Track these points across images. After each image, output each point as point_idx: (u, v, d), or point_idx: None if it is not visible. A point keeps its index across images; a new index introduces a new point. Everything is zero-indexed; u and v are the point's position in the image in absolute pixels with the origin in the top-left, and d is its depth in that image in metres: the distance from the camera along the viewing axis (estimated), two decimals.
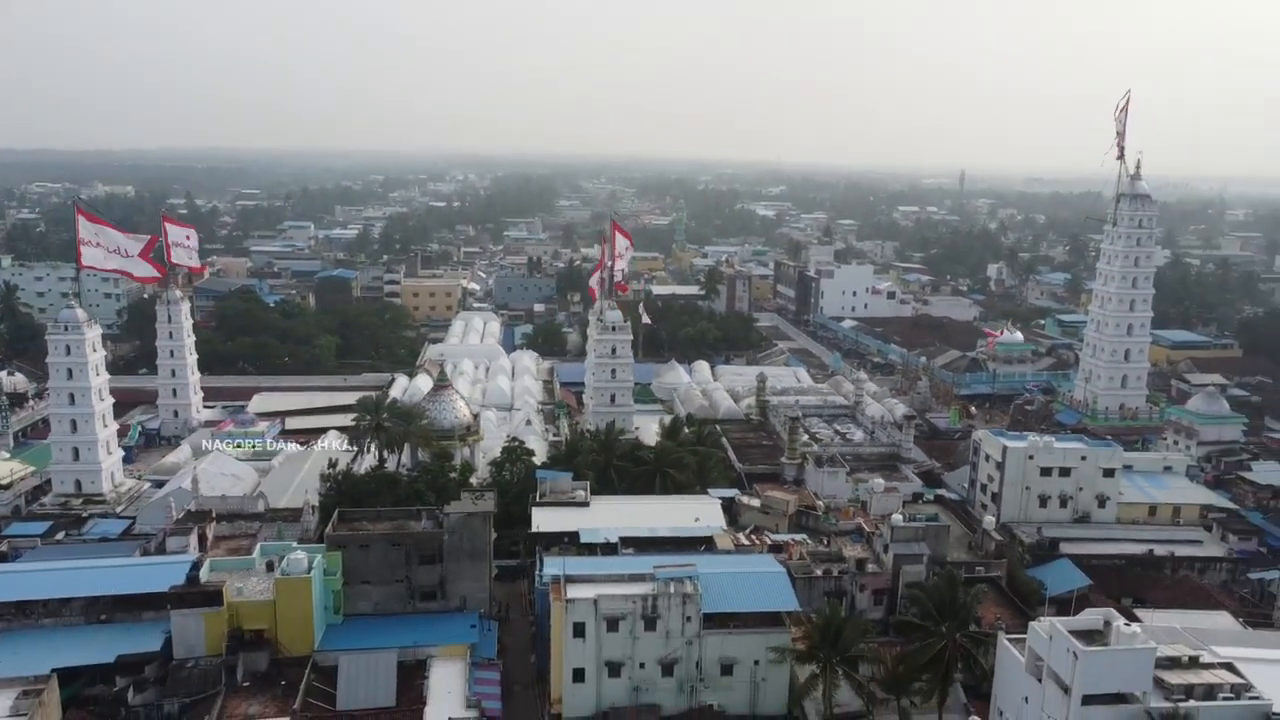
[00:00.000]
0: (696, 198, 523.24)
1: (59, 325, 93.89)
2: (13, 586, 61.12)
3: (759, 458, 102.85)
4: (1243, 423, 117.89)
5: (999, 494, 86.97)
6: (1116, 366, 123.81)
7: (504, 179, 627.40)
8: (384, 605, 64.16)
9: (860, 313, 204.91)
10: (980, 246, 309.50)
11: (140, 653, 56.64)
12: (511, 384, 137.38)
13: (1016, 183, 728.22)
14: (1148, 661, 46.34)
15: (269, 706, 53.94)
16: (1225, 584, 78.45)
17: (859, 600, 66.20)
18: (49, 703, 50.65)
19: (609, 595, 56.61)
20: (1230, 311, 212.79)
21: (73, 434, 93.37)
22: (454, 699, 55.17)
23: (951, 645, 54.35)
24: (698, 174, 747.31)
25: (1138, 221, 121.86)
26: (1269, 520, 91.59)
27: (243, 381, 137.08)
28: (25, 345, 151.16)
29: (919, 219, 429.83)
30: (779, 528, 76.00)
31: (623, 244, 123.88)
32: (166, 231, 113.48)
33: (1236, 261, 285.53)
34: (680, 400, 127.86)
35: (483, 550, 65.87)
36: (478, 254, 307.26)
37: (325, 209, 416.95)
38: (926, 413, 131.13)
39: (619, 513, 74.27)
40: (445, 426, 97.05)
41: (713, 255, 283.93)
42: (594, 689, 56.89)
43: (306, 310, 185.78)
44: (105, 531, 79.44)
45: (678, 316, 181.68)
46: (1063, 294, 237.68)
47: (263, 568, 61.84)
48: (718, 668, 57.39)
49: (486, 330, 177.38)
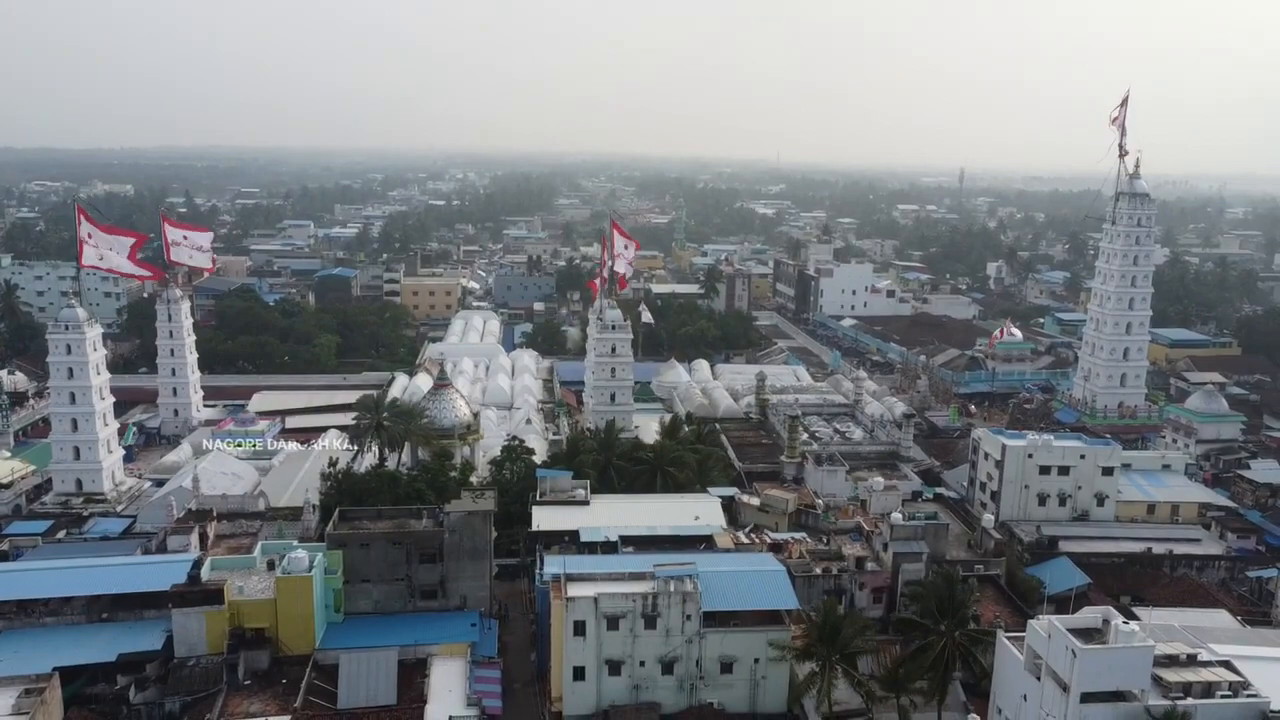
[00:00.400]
0: (696, 196, 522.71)
1: (59, 324, 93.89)
2: (14, 585, 61.34)
3: (758, 456, 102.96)
4: (1241, 421, 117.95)
5: (998, 492, 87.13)
6: (1115, 365, 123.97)
7: (503, 178, 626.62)
8: (384, 604, 64.33)
9: (860, 311, 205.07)
10: (979, 245, 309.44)
11: (141, 651, 56.91)
12: (511, 383, 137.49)
13: (1016, 181, 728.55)
14: (1146, 659, 46.55)
15: (270, 705, 54.15)
16: (1223, 582, 78.58)
17: (858, 598, 66.33)
18: (51, 701, 50.87)
19: (609, 594, 56.76)
20: (1229, 310, 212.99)
21: (73, 433, 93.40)
22: (454, 697, 55.31)
23: (951, 643, 54.48)
24: (697, 173, 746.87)
25: (1137, 220, 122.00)
26: (1267, 519, 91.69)
27: (243, 380, 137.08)
28: (25, 344, 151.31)
29: (918, 217, 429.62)
30: (778, 526, 76.09)
31: (625, 244, 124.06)
32: (166, 230, 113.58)
33: (1235, 260, 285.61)
34: (680, 399, 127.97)
35: (483, 549, 66.01)
36: (477, 253, 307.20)
37: (325, 208, 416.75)
38: (926, 411, 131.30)
39: (619, 511, 74.40)
40: (445, 425, 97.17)
41: (712, 254, 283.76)
42: (594, 687, 57.05)
43: (306, 309, 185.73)
44: (106, 530, 79.64)
45: (677, 315, 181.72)
46: (1062, 292, 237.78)
47: (263, 566, 62.02)
48: (718, 666, 57.54)
49: (486, 329, 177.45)
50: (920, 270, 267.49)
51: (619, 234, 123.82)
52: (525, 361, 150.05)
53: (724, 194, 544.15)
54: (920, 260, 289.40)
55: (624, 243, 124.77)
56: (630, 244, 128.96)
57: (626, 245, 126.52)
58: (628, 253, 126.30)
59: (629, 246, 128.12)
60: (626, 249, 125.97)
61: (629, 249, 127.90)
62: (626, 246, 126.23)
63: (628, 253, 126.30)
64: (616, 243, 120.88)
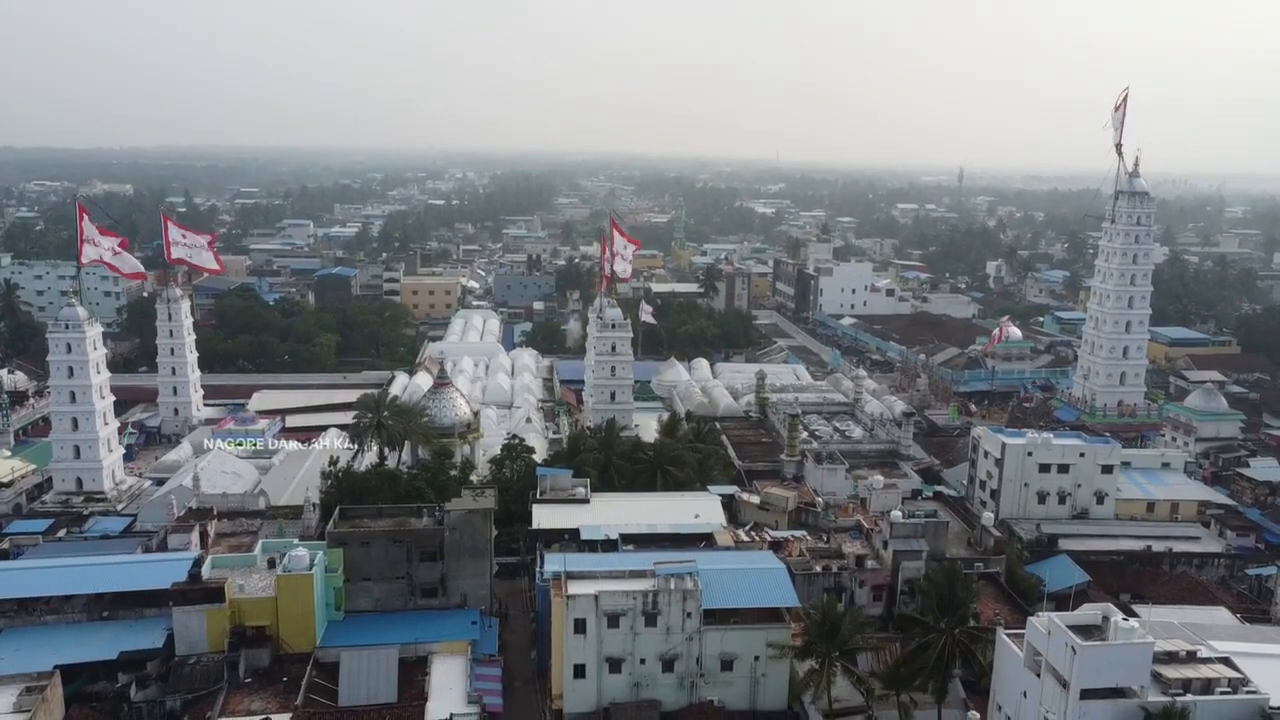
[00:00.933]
0: (695, 196, 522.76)
1: (59, 323, 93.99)
2: (15, 584, 61.34)
3: (758, 455, 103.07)
4: (1240, 419, 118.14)
5: (998, 490, 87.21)
6: (1115, 363, 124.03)
7: (503, 177, 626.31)
8: (385, 602, 64.39)
9: (859, 310, 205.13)
10: (979, 244, 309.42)
11: (142, 649, 56.91)
12: (511, 382, 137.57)
13: (1015, 180, 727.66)
14: (1146, 656, 46.62)
15: (271, 703, 54.17)
16: (1223, 580, 78.65)
17: (858, 596, 66.36)
18: (52, 699, 50.98)
19: (610, 591, 56.80)
20: (1228, 308, 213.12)
21: (74, 432, 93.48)
22: (455, 695, 55.34)
23: (951, 641, 54.56)
24: (696, 172, 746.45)
25: (1136, 219, 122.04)
26: (1266, 516, 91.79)
27: (243, 379, 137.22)
28: (25, 343, 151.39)
29: (918, 216, 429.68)
30: (779, 524, 76.12)
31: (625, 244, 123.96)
32: (167, 230, 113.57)
33: (1235, 259, 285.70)
34: (680, 398, 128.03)
35: (483, 547, 66.05)
36: (477, 252, 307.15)
37: (324, 207, 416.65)
38: (925, 410, 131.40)
39: (619, 510, 74.45)
40: (445, 424, 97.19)
41: (712, 253, 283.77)
42: (595, 685, 57.11)
43: (306, 308, 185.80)
44: (106, 529, 79.76)
45: (677, 314, 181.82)
46: (1061, 291, 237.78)
47: (264, 565, 62.06)
48: (718, 663, 57.60)
49: (486, 328, 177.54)
50: (920, 269, 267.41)
51: (619, 233, 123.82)
52: (525, 360, 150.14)
53: (723, 193, 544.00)
54: (920, 259, 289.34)
55: (624, 243, 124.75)
56: (630, 245, 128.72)
57: (626, 245, 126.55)
58: (626, 252, 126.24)
59: (628, 247, 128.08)
60: (626, 249, 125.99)
61: (629, 249, 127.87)
62: (625, 246, 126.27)
63: (626, 252, 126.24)
64: (616, 242, 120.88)
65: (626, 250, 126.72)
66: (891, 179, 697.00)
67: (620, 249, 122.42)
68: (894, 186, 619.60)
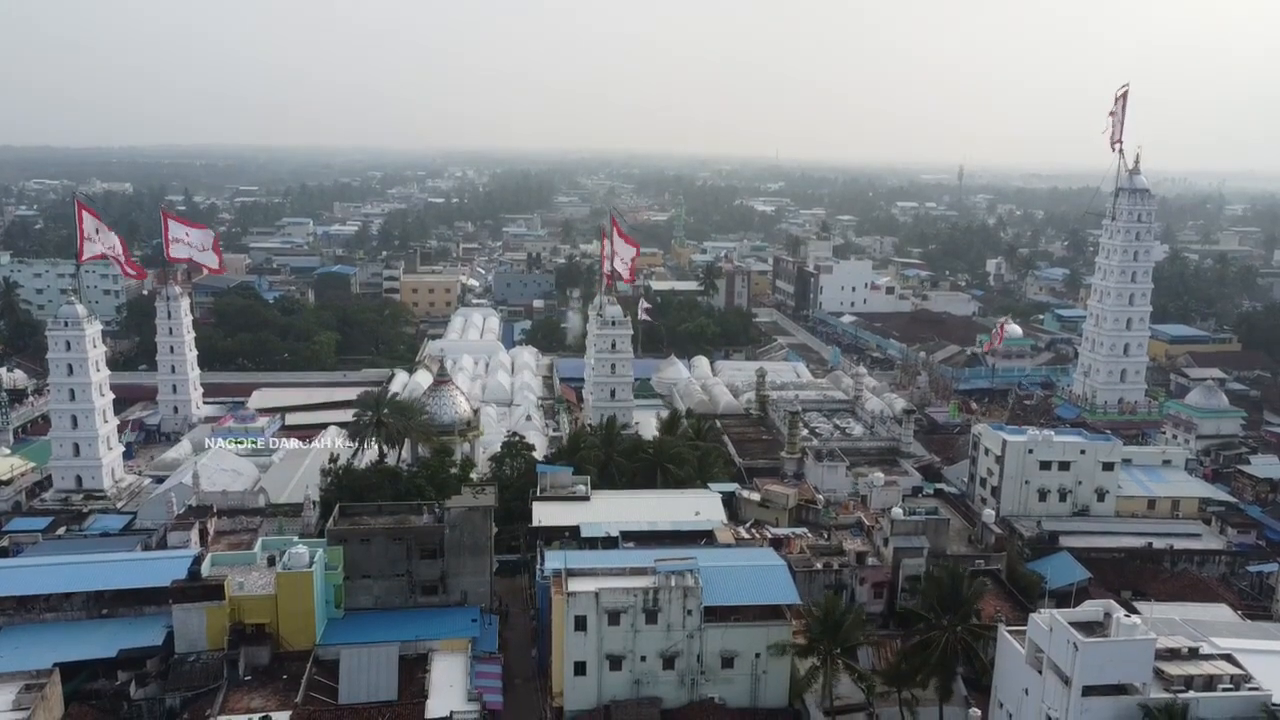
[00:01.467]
0: (695, 194, 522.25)
1: (59, 321, 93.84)
2: (15, 581, 61.16)
3: (759, 452, 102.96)
4: (1241, 417, 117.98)
5: (998, 488, 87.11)
6: (1115, 361, 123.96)
7: (503, 175, 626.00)
8: (385, 600, 64.27)
9: (859, 308, 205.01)
10: (979, 242, 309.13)
11: (142, 647, 56.81)
12: (511, 379, 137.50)
13: (1015, 178, 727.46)
14: (1147, 653, 46.52)
15: (271, 700, 54.04)
16: (1224, 577, 78.58)
17: (859, 593, 66.28)
18: (51, 697, 50.92)
19: (610, 589, 56.65)
20: (1229, 306, 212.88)
21: (73, 430, 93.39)
22: (455, 692, 55.25)
23: (953, 638, 54.48)
24: (696, 170, 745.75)
25: (1136, 216, 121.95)
26: (1267, 514, 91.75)
27: (242, 377, 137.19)
28: (25, 341, 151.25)
29: (918, 214, 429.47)
30: (779, 522, 76.06)
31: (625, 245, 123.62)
32: (167, 227, 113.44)
33: (1235, 256, 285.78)
34: (680, 395, 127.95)
35: (483, 545, 65.92)
36: (477, 250, 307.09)
37: (324, 205, 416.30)
38: (926, 407, 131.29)
39: (619, 507, 74.40)
40: (445, 422, 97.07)
41: (711, 251, 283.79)
42: (595, 682, 56.98)
43: (306, 306, 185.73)
44: (106, 527, 79.85)
45: (677, 312, 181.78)
46: (1061, 289, 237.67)
47: (264, 562, 61.94)
48: (718, 661, 57.44)
49: (486, 326, 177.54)
50: (920, 267, 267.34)
51: (619, 233, 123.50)
52: (525, 358, 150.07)
53: (723, 191, 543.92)
54: (920, 257, 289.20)
55: (623, 244, 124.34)
56: (630, 248, 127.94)
57: (626, 247, 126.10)
58: (626, 254, 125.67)
59: (628, 249, 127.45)
60: (625, 250, 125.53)
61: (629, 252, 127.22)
62: (625, 248, 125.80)
63: (626, 254, 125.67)
64: (616, 243, 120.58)
65: (626, 253, 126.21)
66: (891, 177, 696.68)
67: (619, 249, 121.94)
68: (894, 184, 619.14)
